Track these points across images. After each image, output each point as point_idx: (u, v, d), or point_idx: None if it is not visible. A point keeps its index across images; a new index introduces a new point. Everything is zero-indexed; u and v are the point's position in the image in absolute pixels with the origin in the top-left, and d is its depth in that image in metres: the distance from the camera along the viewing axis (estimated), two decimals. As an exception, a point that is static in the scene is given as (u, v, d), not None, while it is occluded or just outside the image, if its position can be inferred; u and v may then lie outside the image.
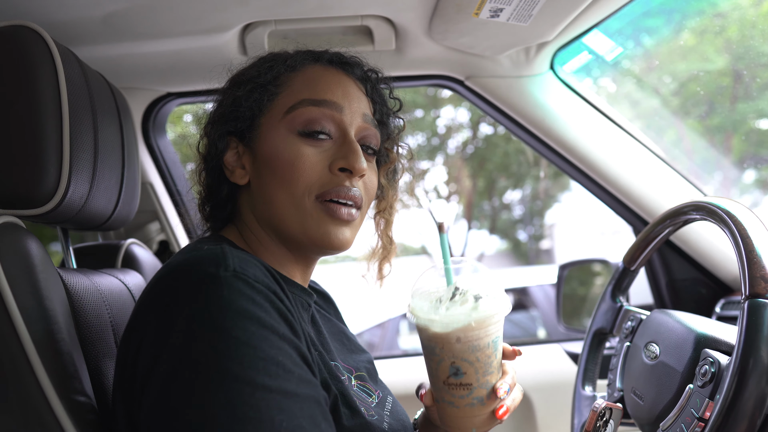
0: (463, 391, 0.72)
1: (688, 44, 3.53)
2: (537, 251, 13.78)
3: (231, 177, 0.84)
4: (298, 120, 0.80)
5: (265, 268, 0.69)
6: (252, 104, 0.83)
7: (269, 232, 0.84)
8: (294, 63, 0.86)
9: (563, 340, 1.81)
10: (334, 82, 0.84)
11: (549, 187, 12.19)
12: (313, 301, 0.87)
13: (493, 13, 1.20)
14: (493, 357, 0.72)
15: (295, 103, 0.81)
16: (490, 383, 0.73)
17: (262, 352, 0.60)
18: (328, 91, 0.83)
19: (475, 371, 0.71)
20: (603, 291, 1.21)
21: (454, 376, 0.72)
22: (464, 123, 11.49)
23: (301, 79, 0.84)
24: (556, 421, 1.66)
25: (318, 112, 0.81)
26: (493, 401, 0.73)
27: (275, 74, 0.84)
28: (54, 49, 0.82)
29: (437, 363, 0.73)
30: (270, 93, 0.83)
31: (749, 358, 0.73)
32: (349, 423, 0.72)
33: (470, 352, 0.70)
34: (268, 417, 0.57)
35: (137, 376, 0.64)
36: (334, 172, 0.80)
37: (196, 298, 0.62)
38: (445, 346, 0.71)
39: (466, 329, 0.69)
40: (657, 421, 0.90)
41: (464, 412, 0.74)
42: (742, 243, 0.81)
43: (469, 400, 0.73)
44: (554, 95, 1.54)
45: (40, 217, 0.81)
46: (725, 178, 3.97)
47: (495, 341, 0.72)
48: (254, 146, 0.83)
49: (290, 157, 0.79)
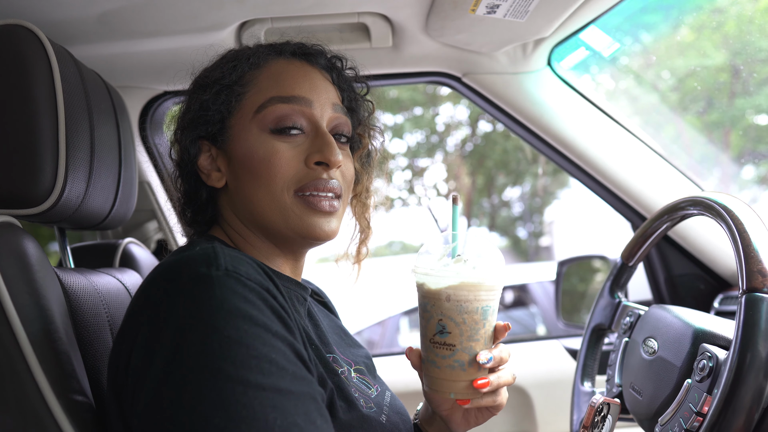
0: (446, 351, 0.74)
1: (686, 40, 3.52)
2: (536, 248, 13.78)
3: (208, 181, 0.84)
4: (269, 118, 0.80)
5: (257, 266, 0.69)
6: (220, 107, 0.83)
7: (254, 230, 0.84)
8: (257, 60, 0.85)
9: (562, 336, 1.81)
10: (300, 76, 0.84)
11: (548, 184, 12.19)
12: (308, 294, 0.87)
13: (490, 9, 1.19)
14: (481, 325, 0.74)
15: (263, 101, 0.81)
16: (474, 350, 0.74)
17: (254, 351, 0.60)
18: (295, 87, 0.82)
19: (460, 333, 0.74)
20: (601, 287, 1.21)
21: (440, 334, 0.74)
22: (463, 120, 11.50)
23: (267, 75, 0.83)
24: (556, 417, 1.66)
25: (288, 108, 0.81)
26: (474, 370, 0.75)
27: (239, 74, 0.84)
28: (49, 48, 0.81)
29: (427, 320, 0.76)
30: (237, 93, 0.83)
31: (747, 352, 0.73)
32: (345, 416, 0.71)
33: (457, 312, 0.73)
34: (261, 415, 0.57)
35: (130, 376, 0.64)
36: (310, 166, 0.80)
37: (187, 299, 0.62)
38: (436, 303, 0.74)
39: (457, 288, 0.73)
40: (656, 416, 0.90)
41: (445, 374, 0.75)
42: (739, 238, 0.81)
43: (450, 361, 0.74)
44: (552, 91, 1.53)
45: (36, 216, 0.81)
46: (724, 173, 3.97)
47: (485, 309, 0.74)
48: (227, 148, 0.83)
49: (265, 155, 0.79)
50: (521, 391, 1.69)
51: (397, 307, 5.18)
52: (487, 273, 0.73)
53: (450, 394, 0.76)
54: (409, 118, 10.97)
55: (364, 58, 1.46)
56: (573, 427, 1.16)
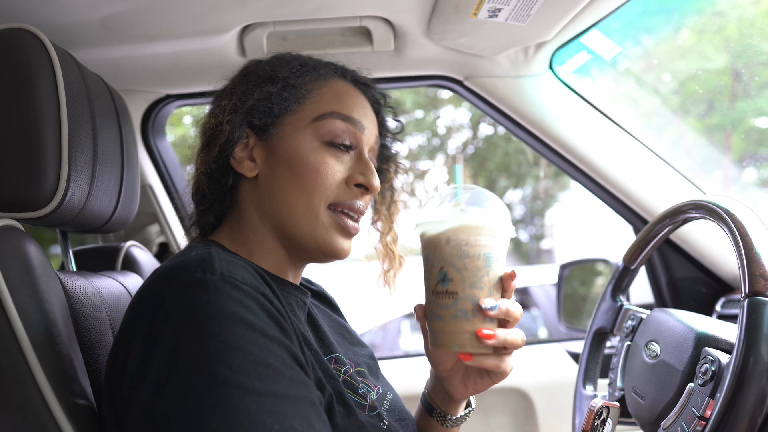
0: (449, 299, 0.71)
1: (687, 43, 3.53)
2: (538, 251, 13.76)
3: (238, 167, 0.85)
4: (326, 129, 0.83)
5: (254, 270, 0.69)
6: (282, 102, 0.85)
7: (270, 229, 0.84)
8: (325, 73, 0.88)
9: (564, 339, 1.81)
10: (358, 102, 0.88)
11: (549, 186, 12.18)
12: (308, 298, 0.87)
13: (492, 13, 1.20)
14: (485, 272, 0.71)
15: (324, 112, 0.84)
16: (478, 298, 0.71)
17: (251, 355, 0.60)
18: (354, 109, 0.87)
19: (462, 280, 0.70)
20: (603, 290, 1.21)
21: (441, 282, 0.71)
22: (464, 123, 11.49)
23: (330, 90, 0.87)
24: (558, 421, 1.66)
25: (345, 126, 0.84)
26: (479, 321, 0.71)
27: (308, 79, 0.87)
28: (52, 52, 0.82)
29: (429, 272, 0.73)
30: (300, 96, 0.85)
31: (749, 356, 0.73)
32: (344, 422, 0.71)
33: (458, 257, 0.70)
34: (259, 420, 0.57)
35: (125, 382, 0.63)
36: (350, 186, 0.84)
37: (183, 305, 0.62)
38: (437, 251, 0.72)
39: (456, 231, 0.70)
40: (658, 420, 0.90)
41: (448, 325, 0.72)
42: (742, 241, 0.81)
43: (454, 311, 0.71)
44: (553, 95, 1.54)
45: (39, 219, 0.81)
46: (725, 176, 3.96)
47: (488, 255, 0.71)
48: (272, 143, 0.84)
49: (315, 163, 0.82)
50: (523, 395, 1.69)
51: (398, 310, 5.17)
52: (487, 216, 0.71)
53: (454, 347, 0.71)
54: (411, 121, 10.98)
55: (366, 62, 1.46)
56: (575, 431, 1.16)
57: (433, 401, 0.91)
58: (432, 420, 0.90)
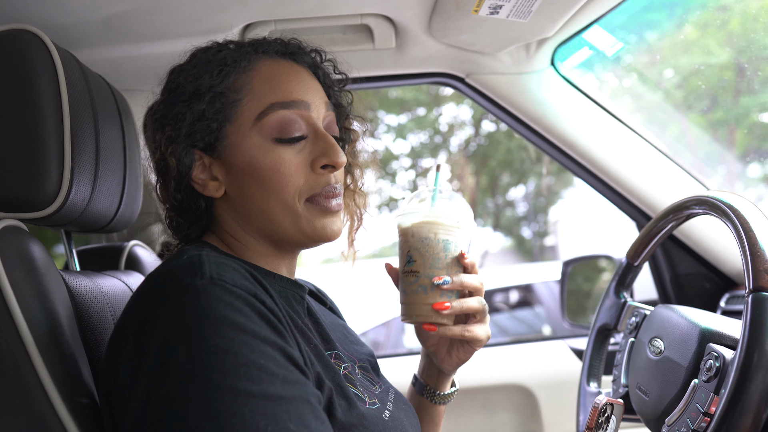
0: (412, 277, 0.85)
1: (690, 38, 3.51)
2: (541, 248, 13.74)
3: (204, 191, 0.82)
4: (271, 125, 0.78)
5: (245, 270, 0.68)
6: (216, 115, 0.80)
7: (254, 234, 0.83)
8: (246, 63, 0.82)
9: (568, 336, 1.81)
10: (292, 78, 0.82)
11: (552, 183, 12.16)
12: (305, 293, 0.87)
13: (493, 9, 1.19)
14: (442, 255, 0.85)
15: (263, 108, 0.79)
16: (435, 275, 0.85)
17: (242, 358, 0.59)
18: (293, 91, 0.81)
19: (423, 260, 0.85)
20: (607, 287, 1.21)
21: (408, 263, 0.86)
22: (466, 120, 11.48)
23: (259, 79, 0.81)
24: (561, 418, 1.66)
25: (289, 114, 0.79)
26: (437, 294, 0.84)
27: (232, 79, 0.80)
28: (54, 53, 0.82)
29: (401, 256, 0.88)
30: (232, 100, 0.80)
31: (754, 352, 0.73)
32: (345, 416, 0.70)
33: (420, 243, 0.85)
34: (252, 423, 0.57)
35: (118, 388, 0.63)
36: (316, 170, 0.80)
37: (172, 309, 0.62)
38: (407, 239, 0.86)
39: (420, 224, 0.85)
40: (662, 416, 0.90)
41: (411, 298, 0.86)
42: (745, 237, 0.80)
43: (415, 287, 0.85)
44: (555, 91, 1.53)
45: (42, 219, 0.82)
46: (729, 172, 3.95)
47: (446, 242, 0.85)
48: (225, 157, 0.80)
49: (273, 165, 0.78)
50: (527, 392, 1.69)
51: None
52: (445, 214, 0.85)
53: (414, 317, 0.85)
54: (413, 119, 10.97)
55: (368, 60, 1.47)
56: (579, 428, 1.16)
57: (424, 379, 1.00)
58: (422, 399, 1.00)
